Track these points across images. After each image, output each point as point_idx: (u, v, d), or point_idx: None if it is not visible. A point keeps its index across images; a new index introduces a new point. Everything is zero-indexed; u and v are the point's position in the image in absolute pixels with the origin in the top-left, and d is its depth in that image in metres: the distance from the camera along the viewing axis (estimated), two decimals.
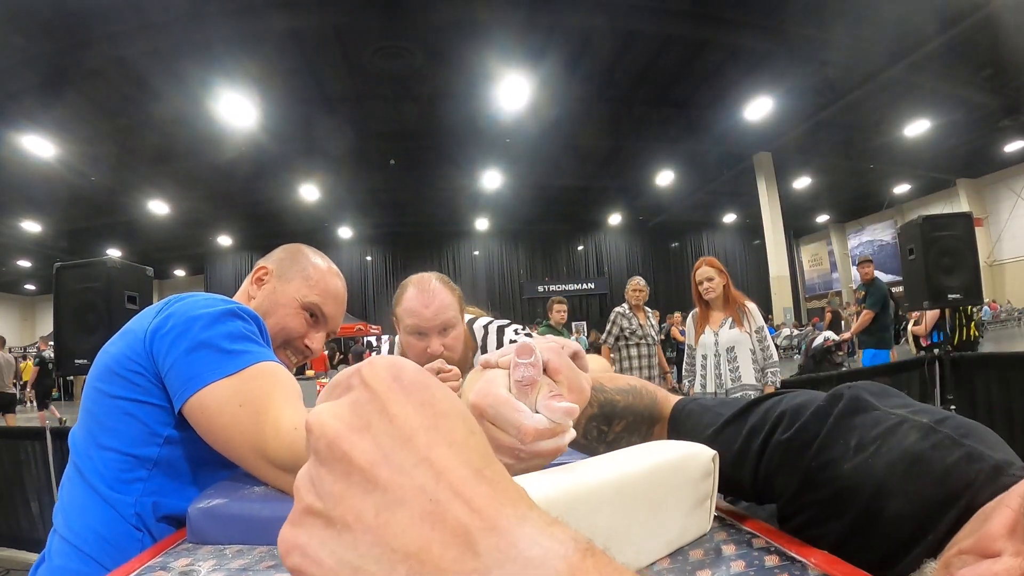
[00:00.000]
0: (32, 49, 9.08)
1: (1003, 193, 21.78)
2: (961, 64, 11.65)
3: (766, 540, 0.66)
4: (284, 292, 1.17)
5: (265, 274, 1.19)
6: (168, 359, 0.88)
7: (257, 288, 1.18)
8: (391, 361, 0.25)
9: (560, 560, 0.22)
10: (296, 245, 1.28)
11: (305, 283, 1.19)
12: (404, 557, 0.21)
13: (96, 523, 0.89)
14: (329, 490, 0.23)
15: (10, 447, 4.01)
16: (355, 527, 0.22)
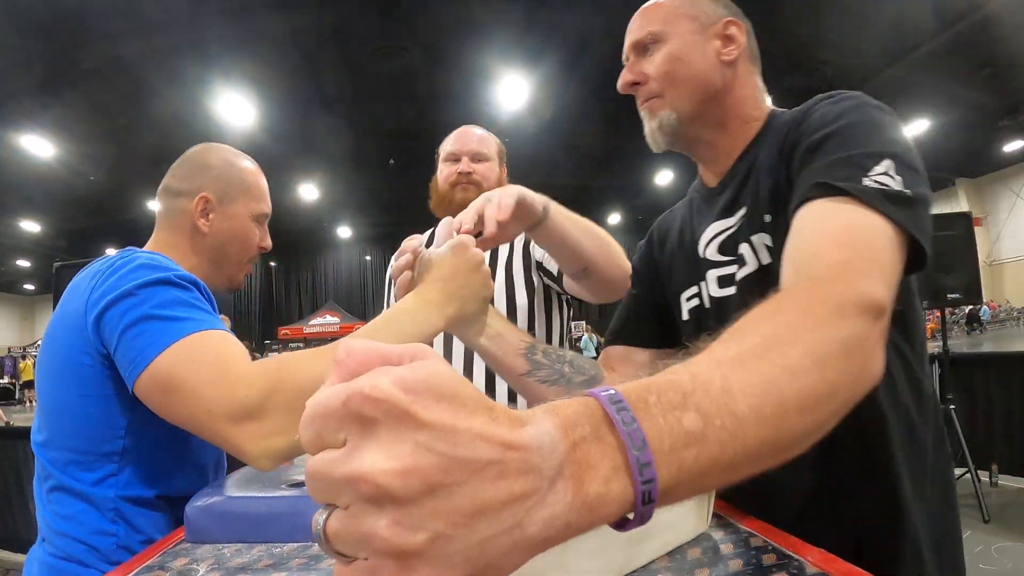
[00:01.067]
0: (31, 49, 9.06)
1: (1002, 193, 21.79)
2: (960, 64, 11.65)
3: (764, 539, 0.66)
4: (234, 214, 1.11)
5: (208, 204, 1.08)
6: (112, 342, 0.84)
7: (206, 220, 1.08)
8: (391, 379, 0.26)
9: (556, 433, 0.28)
10: (204, 151, 1.16)
11: (247, 195, 1.14)
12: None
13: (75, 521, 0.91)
14: (425, 523, 0.24)
15: (9, 447, 4.00)
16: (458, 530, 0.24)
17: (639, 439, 0.30)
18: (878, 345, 0.49)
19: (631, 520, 0.31)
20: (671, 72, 0.88)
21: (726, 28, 0.91)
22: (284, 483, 0.86)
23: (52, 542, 0.93)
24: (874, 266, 0.55)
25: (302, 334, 22.26)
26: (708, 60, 0.88)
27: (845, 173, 0.64)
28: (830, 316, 0.46)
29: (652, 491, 0.30)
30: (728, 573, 0.58)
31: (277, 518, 0.77)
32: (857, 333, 0.47)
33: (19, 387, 19.57)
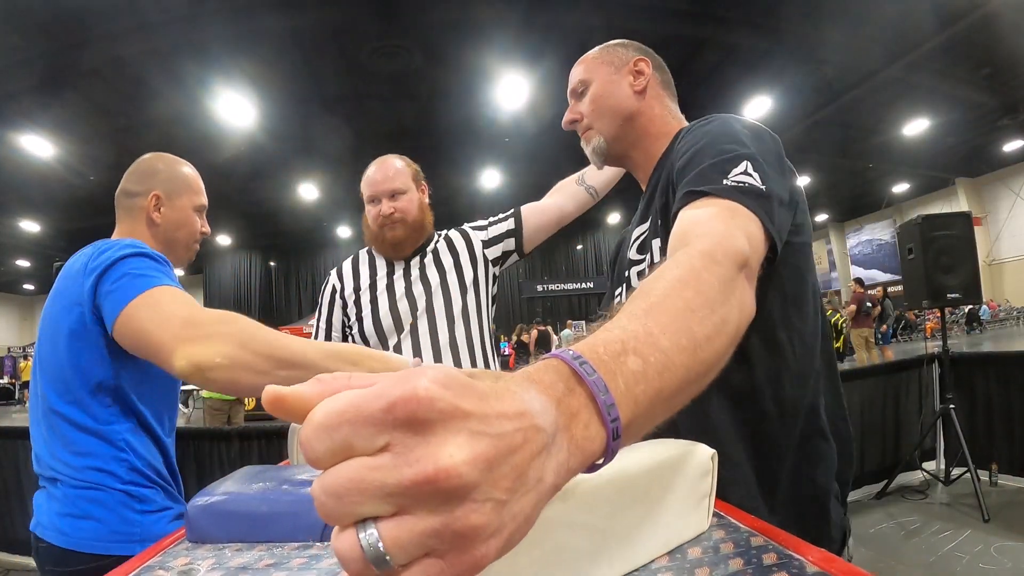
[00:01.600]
0: (30, 49, 9.06)
1: (1002, 192, 21.79)
2: (960, 63, 11.65)
3: (764, 538, 0.66)
4: (180, 207, 1.39)
5: (159, 200, 1.36)
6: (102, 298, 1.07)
7: (159, 213, 1.35)
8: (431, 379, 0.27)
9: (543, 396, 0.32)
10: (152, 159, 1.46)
11: (189, 191, 1.41)
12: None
13: (93, 455, 1.13)
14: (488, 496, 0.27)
15: (8, 447, 4.00)
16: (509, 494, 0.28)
17: (602, 385, 0.36)
18: (747, 283, 0.63)
19: (604, 456, 0.36)
20: (595, 107, 1.15)
21: (636, 65, 1.12)
22: (286, 482, 0.86)
23: (71, 476, 1.12)
24: (735, 231, 0.69)
25: (302, 334, 22.16)
26: (623, 92, 1.11)
27: (709, 177, 0.80)
28: (707, 266, 0.57)
29: (618, 428, 0.36)
30: (728, 573, 0.59)
31: (278, 517, 0.77)
32: (729, 274, 0.59)
33: (19, 387, 19.57)
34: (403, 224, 1.75)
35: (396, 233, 1.75)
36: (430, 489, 0.25)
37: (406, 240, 1.77)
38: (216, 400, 5.97)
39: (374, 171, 1.86)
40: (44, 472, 1.18)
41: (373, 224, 1.78)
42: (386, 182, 1.80)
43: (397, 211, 1.75)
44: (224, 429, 4.56)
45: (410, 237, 1.77)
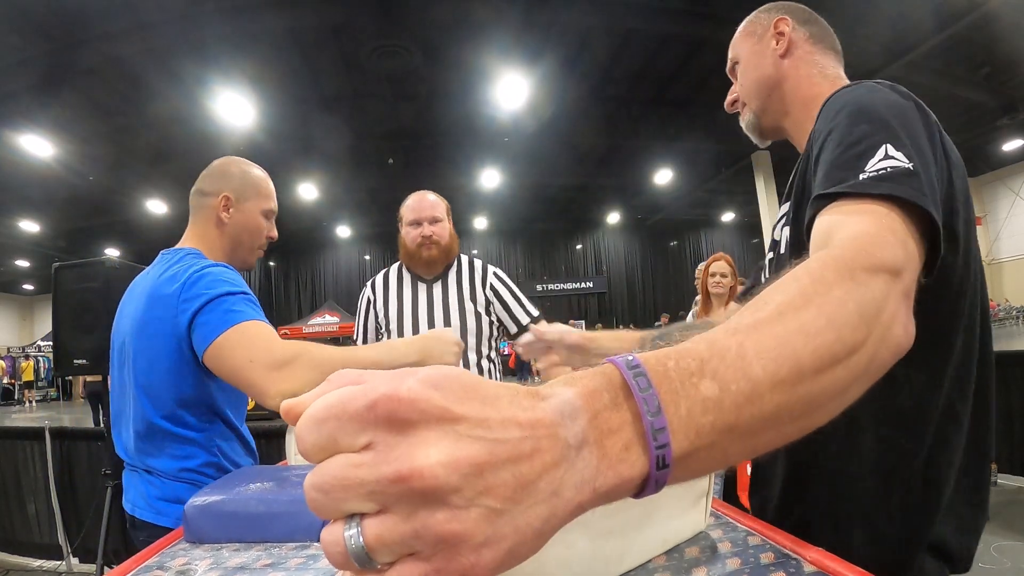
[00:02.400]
0: (29, 49, 9.06)
1: (1001, 192, 21.80)
2: (959, 63, 11.66)
3: (762, 538, 0.66)
4: (248, 210, 1.45)
5: (228, 202, 1.41)
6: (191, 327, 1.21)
7: (227, 213, 1.41)
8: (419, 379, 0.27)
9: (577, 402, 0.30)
10: (226, 162, 1.49)
11: (258, 195, 1.48)
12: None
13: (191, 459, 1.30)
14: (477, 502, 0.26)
15: (8, 447, 3.99)
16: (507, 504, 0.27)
17: (654, 404, 0.31)
18: (899, 305, 0.49)
19: (647, 487, 0.32)
20: (744, 83, 1.06)
21: (776, 27, 1.03)
22: (284, 483, 0.86)
23: (169, 473, 1.29)
24: (885, 234, 0.55)
25: (302, 334, 22.21)
26: (766, 60, 1.02)
27: (842, 173, 0.65)
28: (842, 280, 0.46)
29: (666, 456, 0.31)
30: (726, 572, 0.58)
31: (276, 518, 0.77)
32: (872, 294, 0.46)
33: (19, 387, 19.56)
34: (438, 246, 2.07)
35: (432, 253, 2.06)
36: (405, 488, 0.25)
37: (438, 260, 2.08)
38: None
39: (417, 200, 2.12)
40: (137, 464, 1.36)
41: (411, 244, 2.08)
42: (429, 210, 2.09)
43: (435, 235, 2.06)
44: None
45: (441, 258, 2.09)
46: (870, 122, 0.69)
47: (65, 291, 3.32)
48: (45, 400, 20.06)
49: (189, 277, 1.24)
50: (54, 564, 3.80)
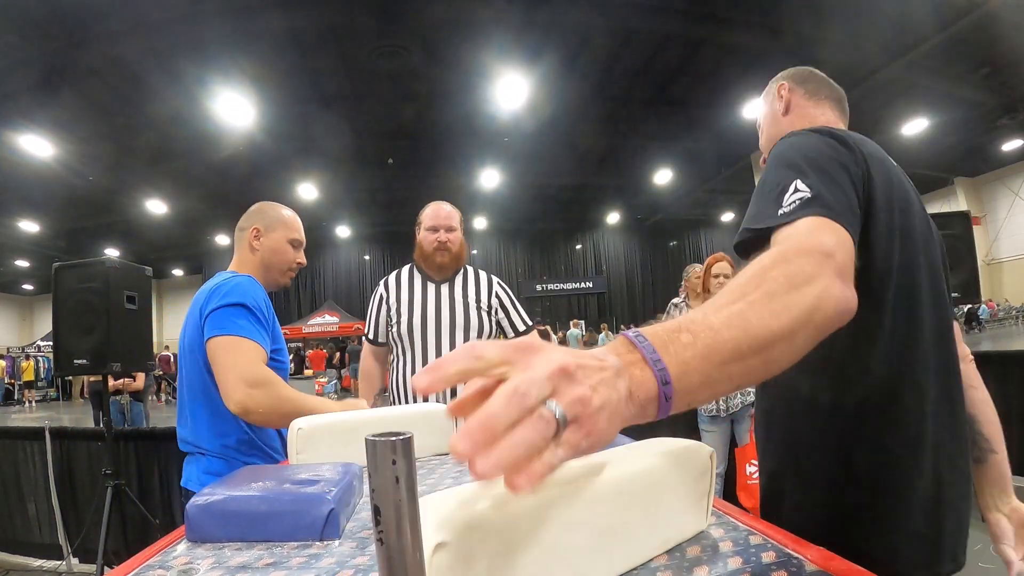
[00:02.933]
0: (29, 49, 9.05)
1: (1001, 192, 21.81)
2: (959, 62, 11.65)
3: (763, 537, 0.66)
4: (275, 239, 1.78)
5: (258, 232, 1.77)
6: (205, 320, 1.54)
7: (258, 241, 1.75)
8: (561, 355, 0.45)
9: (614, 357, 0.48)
10: (260, 204, 1.84)
11: (284, 227, 1.80)
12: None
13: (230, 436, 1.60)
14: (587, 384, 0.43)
15: (8, 447, 3.99)
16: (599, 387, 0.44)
17: (650, 348, 0.50)
18: (831, 275, 0.65)
19: (660, 402, 0.49)
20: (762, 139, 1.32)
21: (779, 92, 1.26)
22: (285, 482, 0.86)
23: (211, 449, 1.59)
24: (812, 230, 0.74)
25: (301, 333, 22.22)
26: (774, 118, 1.27)
27: (768, 211, 0.81)
28: (775, 263, 0.64)
29: (666, 375, 0.49)
30: (727, 571, 0.59)
31: (278, 517, 0.78)
32: (800, 268, 0.64)
33: (19, 387, 19.55)
34: (450, 252, 2.31)
35: (444, 259, 2.31)
36: (561, 373, 0.42)
37: (449, 264, 2.32)
38: None
39: (436, 209, 2.39)
40: (190, 449, 1.64)
41: (428, 247, 2.31)
42: (446, 219, 2.35)
43: (450, 241, 2.31)
44: None
45: (452, 263, 2.33)
46: (785, 166, 0.86)
47: (65, 291, 3.32)
48: (45, 400, 20.06)
49: (219, 285, 1.59)
50: (54, 564, 3.81)
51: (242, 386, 1.40)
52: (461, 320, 2.27)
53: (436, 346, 2.25)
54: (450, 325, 2.26)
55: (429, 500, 0.51)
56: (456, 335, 2.25)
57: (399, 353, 2.32)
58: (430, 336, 2.26)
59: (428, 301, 2.30)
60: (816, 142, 0.90)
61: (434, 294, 2.31)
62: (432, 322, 2.26)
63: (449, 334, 2.26)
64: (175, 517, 3.58)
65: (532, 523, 0.51)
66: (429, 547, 0.45)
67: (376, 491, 0.35)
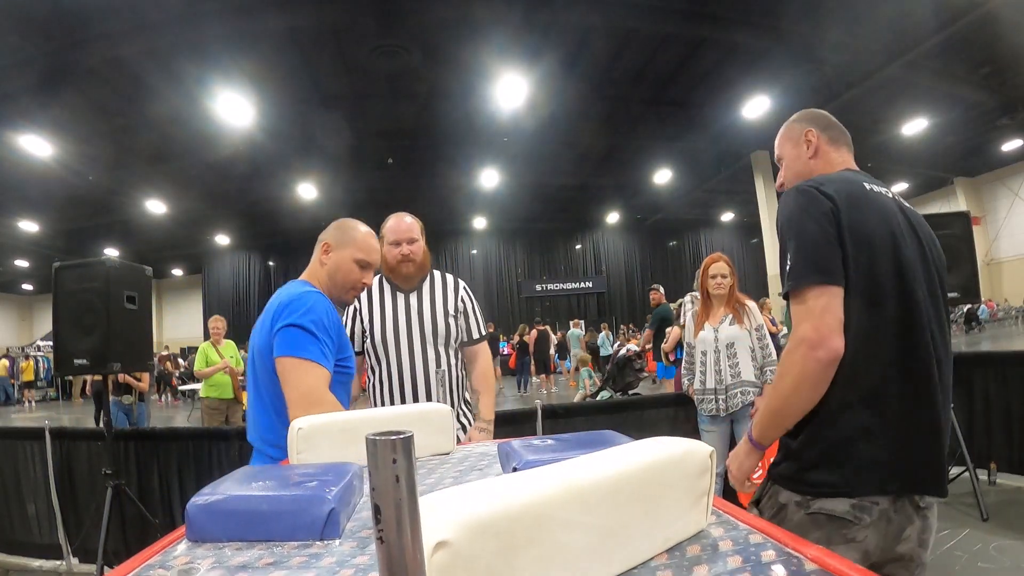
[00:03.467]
0: (29, 49, 9.06)
1: (1000, 192, 21.82)
2: (959, 62, 11.66)
3: (763, 536, 0.66)
4: (343, 256, 1.83)
5: (328, 247, 1.84)
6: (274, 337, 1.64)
7: (326, 256, 1.83)
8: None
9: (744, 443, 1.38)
10: (342, 220, 1.92)
11: (354, 246, 1.84)
12: None
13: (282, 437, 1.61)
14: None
15: (8, 447, 3.99)
16: None
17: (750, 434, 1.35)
18: (806, 357, 1.17)
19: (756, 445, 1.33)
20: (787, 174, 1.55)
21: (806, 136, 1.49)
22: (286, 481, 0.86)
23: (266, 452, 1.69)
24: (800, 320, 1.19)
25: None
26: (801, 160, 1.50)
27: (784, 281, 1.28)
28: (787, 356, 1.21)
29: (755, 440, 1.32)
30: (727, 570, 0.59)
31: (278, 516, 0.78)
32: (795, 357, 1.19)
33: (19, 387, 19.54)
34: (414, 263, 2.39)
35: (409, 269, 2.39)
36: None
37: (415, 274, 2.42)
38: (214, 400, 5.96)
39: (396, 223, 2.45)
40: (257, 444, 1.74)
41: (392, 260, 2.39)
42: (407, 232, 2.41)
43: (412, 253, 2.38)
44: (224, 429, 4.56)
45: (416, 272, 2.42)
46: (783, 238, 1.29)
47: (65, 291, 3.32)
48: (44, 400, 20.04)
49: (293, 301, 1.66)
50: (54, 564, 3.81)
51: (303, 406, 1.51)
52: (429, 329, 2.40)
53: (409, 355, 2.37)
54: (420, 334, 2.39)
55: (429, 499, 0.51)
56: (427, 344, 2.38)
57: (374, 363, 2.41)
58: (403, 346, 2.38)
59: (399, 311, 2.42)
60: (797, 208, 1.26)
61: (403, 304, 2.43)
62: (404, 332, 2.39)
63: (420, 343, 2.38)
64: (175, 517, 3.58)
65: (532, 522, 0.51)
66: (429, 546, 0.45)
67: (376, 490, 0.35)
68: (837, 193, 1.24)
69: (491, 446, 1.42)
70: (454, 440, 1.41)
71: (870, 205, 1.26)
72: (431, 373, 2.36)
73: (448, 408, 1.43)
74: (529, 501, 0.51)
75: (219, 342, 6.16)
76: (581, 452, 0.78)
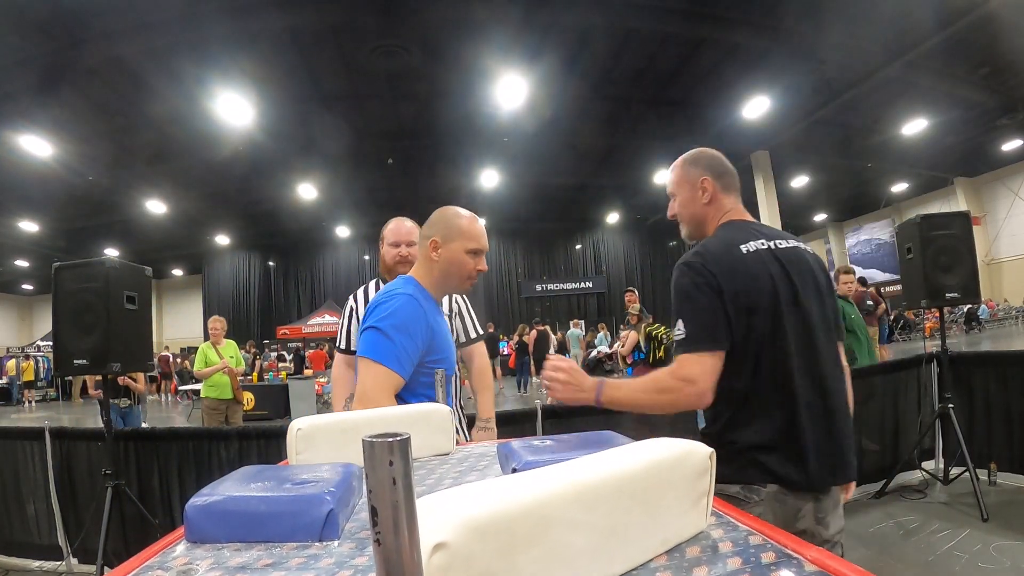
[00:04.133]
0: (28, 48, 9.05)
1: (1000, 192, 21.81)
2: (959, 62, 11.66)
3: (763, 537, 0.66)
4: (453, 249, 1.79)
5: (437, 244, 1.79)
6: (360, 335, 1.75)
7: (436, 253, 1.79)
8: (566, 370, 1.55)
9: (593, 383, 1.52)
10: (439, 212, 1.85)
11: (462, 237, 1.80)
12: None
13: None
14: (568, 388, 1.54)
15: (8, 448, 3.98)
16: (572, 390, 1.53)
17: (600, 387, 1.51)
18: (688, 395, 1.43)
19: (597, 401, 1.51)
20: (681, 213, 1.70)
21: (702, 184, 1.64)
22: (285, 482, 0.86)
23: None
24: (695, 368, 1.42)
25: (301, 333, 22.23)
26: (697, 204, 1.66)
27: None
28: (666, 377, 1.47)
29: (599, 396, 1.50)
30: (727, 571, 0.59)
31: (277, 517, 0.77)
32: (676, 396, 1.45)
33: (19, 387, 19.53)
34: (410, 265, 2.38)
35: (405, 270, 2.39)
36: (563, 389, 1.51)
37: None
38: (213, 400, 5.96)
39: (397, 226, 2.52)
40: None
41: (391, 261, 2.47)
42: (406, 235, 2.48)
43: (411, 255, 2.42)
44: (223, 429, 4.55)
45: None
46: (676, 310, 1.51)
47: (65, 291, 3.32)
48: (44, 400, 20.04)
49: (382, 303, 1.72)
50: (54, 565, 3.80)
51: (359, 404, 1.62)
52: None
53: None
54: None
55: (428, 501, 0.51)
56: None
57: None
58: None
59: None
60: (689, 281, 1.48)
61: None
62: None
63: None
64: (175, 517, 3.58)
65: (532, 523, 0.51)
66: (428, 548, 0.45)
67: (373, 492, 0.35)
68: (719, 266, 1.45)
69: (490, 447, 1.42)
70: (453, 440, 1.41)
71: (747, 271, 1.46)
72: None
73: (448, 409, 1.43)
74: (529, 502, 0.51)
75: (219, 342, 6.15)
76: (581, 453, 0.77)
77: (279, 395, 11.60)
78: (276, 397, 11.57)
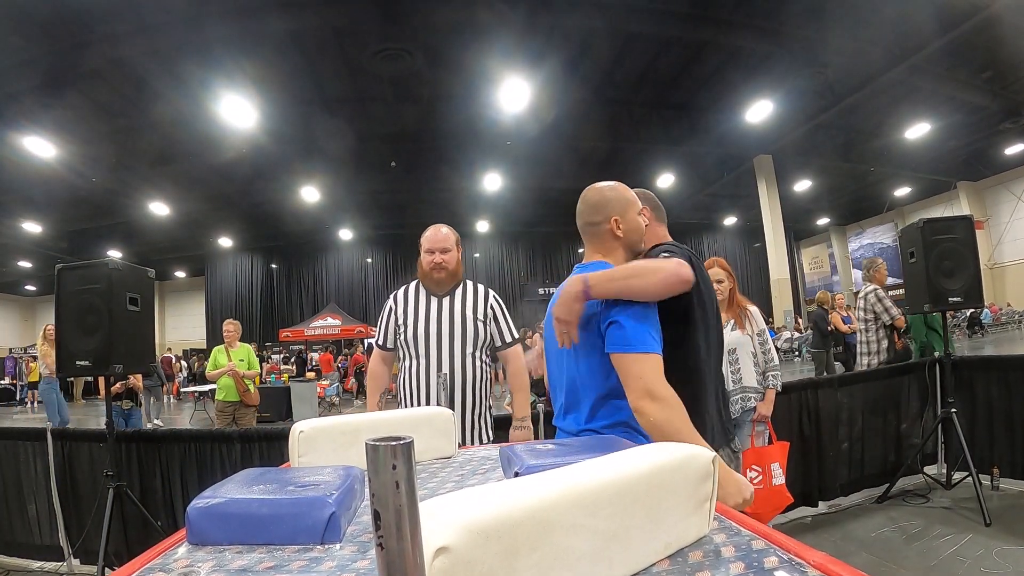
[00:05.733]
0: (32, 50, 9.09)
1: (1003, 196, 21.78)
2: (961, 66, 11.66)
3: (765, 542, 0.66)
4: (631, 219, 1.79)
5: (618, 221, 1.80)
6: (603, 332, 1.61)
7: (619, 229, 1.79)
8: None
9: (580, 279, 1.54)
10: (598, 193, 1.81)
11: (631, 205, 1.82)
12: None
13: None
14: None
15: (9, 448, 3.99)
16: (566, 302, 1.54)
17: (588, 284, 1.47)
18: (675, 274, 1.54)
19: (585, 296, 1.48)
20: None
21: (643, 213, 1.80)
22: (287, 485, 0.86)
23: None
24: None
25: (303, 336, 22.22)
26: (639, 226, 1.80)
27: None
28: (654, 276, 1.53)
29: (588, 290, 1.46)
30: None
31: (279, 520, 0.77)
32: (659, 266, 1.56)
33: (23, 387, 19.56)
34: (446, 271, 2.64)
35: (441, 276, 2.64)
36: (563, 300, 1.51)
37: (446, 280, 2.66)
38: (221, 402, 6.06)
39: (434, 233, 2.68)
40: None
41: (426, 267, 2.64)
42: (442, 241, 2.65)
43: (445, 262, 2.63)
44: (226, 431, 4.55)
45: (448, 279, 2.67)
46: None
47: (68, 292, 3.32)
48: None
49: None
50: (55, 565, 3.80)
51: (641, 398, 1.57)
52: (459, 330, 2.62)
53: (437, 352, 2.58)
54: (449, 334, 2.61)
55: (430, 504, 0.51)
56: (455, 343, 2.60)
57: (406, 358, 2.64)
58: (432, 343, 2.59)
59: (431, 313, 2.64)
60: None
61: (436, 307, 2.66)
62: (434, 331, 2.61)
63: (448, 342, 2.60)
64: (177, 519, 3.58)
65: (534, 527, 0.51)
66: (430, 552, 0.45)
67: (376, 495, 0.35)
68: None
69: (493, 450, 1.42)
70: (456, 444, 1.40)
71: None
72: (456, 368, 2.57)
73: (450, 412, 1.43)
74: (531, 506, 0.51)
75: (232, 345, 6.18)
76: (583, 457, 0.77)
77: (281, 397, 11.60)
78: (278, 399, 11.57)
